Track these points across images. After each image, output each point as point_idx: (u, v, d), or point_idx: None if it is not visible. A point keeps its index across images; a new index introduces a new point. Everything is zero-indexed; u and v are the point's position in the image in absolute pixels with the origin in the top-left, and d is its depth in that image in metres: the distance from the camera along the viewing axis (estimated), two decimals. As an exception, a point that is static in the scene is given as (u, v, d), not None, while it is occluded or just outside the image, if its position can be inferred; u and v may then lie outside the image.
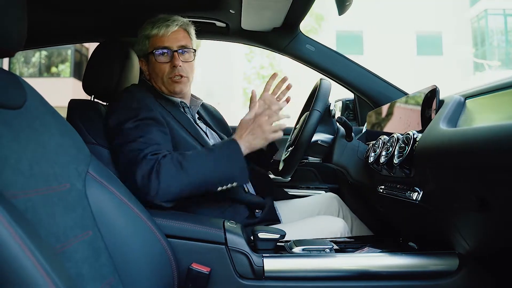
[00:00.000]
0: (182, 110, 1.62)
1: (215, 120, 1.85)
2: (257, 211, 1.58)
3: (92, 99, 1.65)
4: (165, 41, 1.55)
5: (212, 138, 1.66)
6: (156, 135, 1.40)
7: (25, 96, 0.90)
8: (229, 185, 1.38)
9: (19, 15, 0.86)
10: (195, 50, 1.61)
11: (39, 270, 0.61)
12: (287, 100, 1.66)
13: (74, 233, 0.90)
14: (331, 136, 1.60)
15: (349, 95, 2.26)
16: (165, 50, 1.55)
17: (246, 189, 1.62)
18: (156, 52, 1.55)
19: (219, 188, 1.37)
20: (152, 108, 1.46)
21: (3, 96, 0.83)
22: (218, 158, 1.37)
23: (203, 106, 1.82)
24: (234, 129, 1.96)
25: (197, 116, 1.72)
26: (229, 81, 21.08)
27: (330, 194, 1.94)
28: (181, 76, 1.56)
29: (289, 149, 1.62)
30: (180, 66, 1.54)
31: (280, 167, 1.61)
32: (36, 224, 0.79)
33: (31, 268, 0.60)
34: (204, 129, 1.68)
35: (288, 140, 1.79)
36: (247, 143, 1.43)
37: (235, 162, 1.38)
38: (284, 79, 1.67)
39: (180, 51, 1.56)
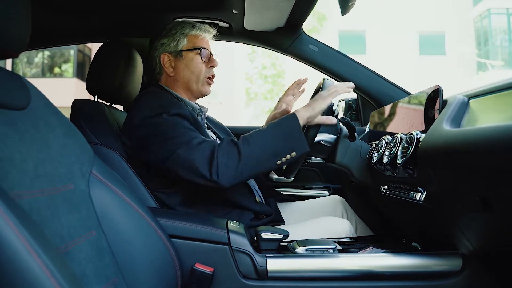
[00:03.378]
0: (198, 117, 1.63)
1: (218, 127, 1.87)
2: (261, 217, 1.58)
3: (95, 100, 1.66)
4: (205, 43, 1.62)
5: None
6: (192, 127, 1.42)
7: (30, 97, 0.91)
8: (288, 156, 1.35)
9: (23, 17, 0.87)
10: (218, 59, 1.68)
11: (44, 271, 0.61)
12: None
13: (78, 233, 0.90)
14: (334, 136, 1.59)
15: (352, 95, 2.26)
16: (208, 51, 1.62)
17: (257, 199, 1.62)
18: (201, 50, 1.59)
19: (279, 162, 1.34)
20: (181, 105, 1.49)
21: (7, 97, 0.84)
22: (276, 131, 1.37)
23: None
24: (231, 129, 1.99)
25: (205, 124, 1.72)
26: (231, 81, 21.09)
27: (335, 196, 1.93)
28: (213, 79, 1.65)
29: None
30: (216, 67, 1.64)
31: (283, 168, 1.61)
32: (40, 224, 0.79)
33: (36, 269, 0.61)
34: (214, 137, 1.70)
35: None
36: (310, 107, 1.43)
37: (292, 132, 1.36)
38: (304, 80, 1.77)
39: (214, 55, 1.65)
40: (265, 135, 1.36)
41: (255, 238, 1.31)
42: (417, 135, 1.18)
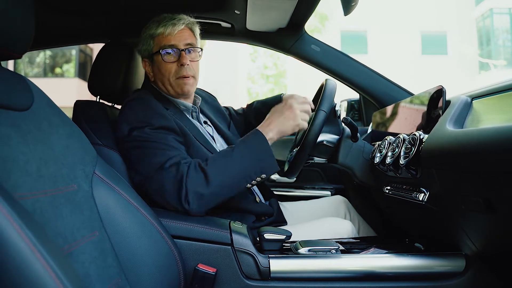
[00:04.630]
0: (191, 115, 1.61)
1: (216, 112, 1.82)
2: (263, 218, 1.58)
3: (97, 100, 1.66)
4: (172, 40, 1.51)
5: (218, 143, 1.65)
6: (173, 143, 1.37)
7: (32, 98, 0.91)
8: (258, 179, 1.33)
9: (27, 18, 0.87)
10: (201, 49, 1.59)
11: (48, 272, 0.61)
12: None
13: (82, 233, 0.90)
14: (336, 137, 1.59)
15: (355, 95, 2.26)
16: (172, 49, 1.51)
17: (257, 199, 1.61)
18: (162, 51, 1.51)
19: (248, 185, 1.33)
20: (166, 116, 1.43)
21: (10, 98, 0.84)
22: (243, 153, 1.33)
23: (203, 99, 1.77)
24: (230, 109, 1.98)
25: (203, 119, 1.69)
26: (233, 81, 21.11)
27: (338, 197, 1.93)
28: (189, 77, 1.53)
29: (294, 150, 1.62)
30: (187, 64, 1.51)
31: (286, 168, 1.61)
32: (44, 225, 0.79)
33: (40, 270, 0.61)
34: (211, 133, 1.66)
35: (294, 140, 1.79)
36: (276, 128, 1.37)
37: (261, 153, 1.33)
38: None
39: (187, 50, 1.53)
40: (233, 159, 1.32)
41: (258, 239, 1.31)
42: (420, 135, 1.18)
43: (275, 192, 1.92)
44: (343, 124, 1.60)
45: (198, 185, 1.27)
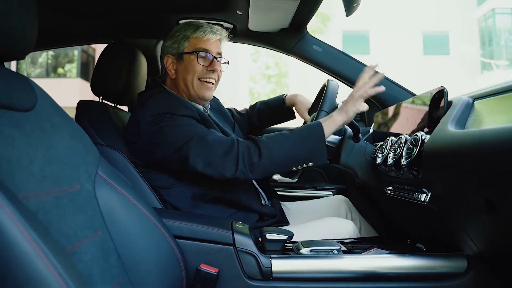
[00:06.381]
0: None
1: (221, 116, 1.84)
2: (266, 218, 1.58)
3: (100, 100, 1.66)
4: (207, 45, 1.58)
5: None
6: (201, 127, 1.44)
7: (35, 98, 0.91)
8: (304, 165, 1.41)
9: (30, 19, 0.87)
10: (228, 62, 1.65)
11: (52, 271, 0.61)
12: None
13: (84, 233, 0.91)
14: (338, 137, 1.59)
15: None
16: (207, 54, 1.57)
17: (263, 201, 1.63)
18: (199, 53, 1.56)
19: (294, 168, 1.41)
20: (189, 106, 1.48)
21: (14, 98, 0.84)
22: (299, 138, 1.40)
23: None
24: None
25: None
26: (235, 81, 21.12)
27: (340, 196, 1.93)
28: (213, 83, 1.59)
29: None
30: (218, 71, 1.59)
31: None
32: (47, 225, 0.80)
33: (44, 269, 0.61)
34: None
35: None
36: (334, 121, 1.43)
37: (315, 142, 1.40)
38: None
39: (219, 58, 1.60)
40: (287, 141, 1.39)
41: (260, 239, 1.31)
42: (421, 136, 1.18)
43: (277, 193, 1.92)
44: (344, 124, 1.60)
45: (251, 153, 1.36)
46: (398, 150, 1.29)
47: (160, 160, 1.43)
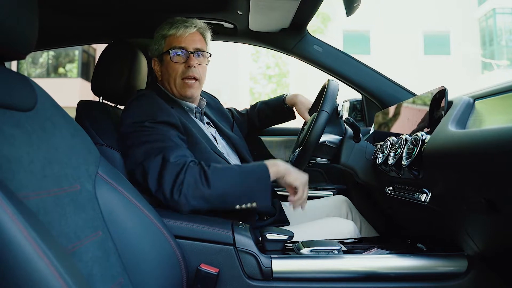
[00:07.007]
0: (194, 116, 1.62)
1: (219, 114, 1.84)
2: (265, 218, 1.58)
3: (100, 100, 1.66)
4: (182, 42, 1.55)
5: (220, 144, 1.65)
6: (174, 139, 1.38)
7: (36, 98, 0.91)
8: (248, 205, 1.34)
9: (31, 19, 0.87)
10: (210, 54, 1.62)
11: (52, 271, 0.61)
12: None
13: (85, 233, 0.91)
14: (339, 137, 1.60)
15: (357, 96, 2.26)
16: (181, 50, 1.55)
17: None
18: (172, 51, 1.54)
19: (238, 206, 1.33)
20: (171, 112, 1.45)
21: (14, 98, 0.84)
22: (245, 176, 1.35)
23: (207, 102, 1.78)
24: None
25: (205, 120, 1.70)
26: (235, 81, 21.12)
27: (340, 196, 1.93)
28: (194, 79, 1.56)
29: (296, 150, 1.62)
30: (194, 67, 1.54)
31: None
32: (48, 224, 0.79)
33: (44, 269, 0.61)
34: (213, 134, 1.67)
35: (296, 141, 1.79)
36: (280, 171, 1.39)
37: (260, 183, 1.34)
38: None
39: (196, 53, 1.57)
40: (235, 176, 1.34)
41: (260, 239, 1.31)
42: (422, 136, 1.18)
43: (277, 192, 1.92)
44: (345, 124, 1.60)
45: (197, 182, 1.28)
46: (399, 150, 1.29)
47: (128, 169, 1.41)
